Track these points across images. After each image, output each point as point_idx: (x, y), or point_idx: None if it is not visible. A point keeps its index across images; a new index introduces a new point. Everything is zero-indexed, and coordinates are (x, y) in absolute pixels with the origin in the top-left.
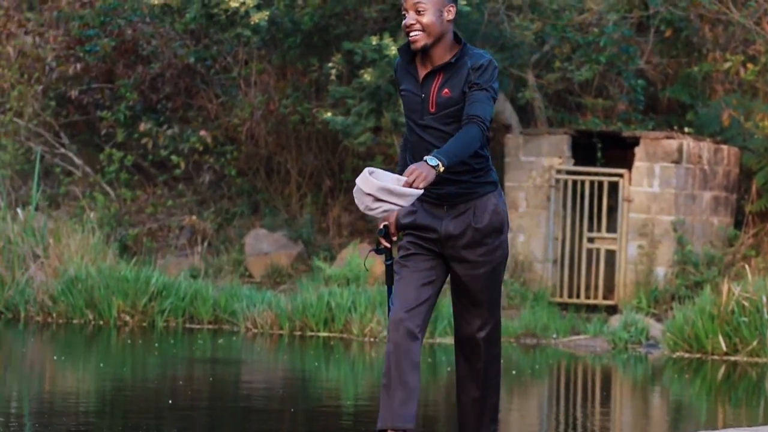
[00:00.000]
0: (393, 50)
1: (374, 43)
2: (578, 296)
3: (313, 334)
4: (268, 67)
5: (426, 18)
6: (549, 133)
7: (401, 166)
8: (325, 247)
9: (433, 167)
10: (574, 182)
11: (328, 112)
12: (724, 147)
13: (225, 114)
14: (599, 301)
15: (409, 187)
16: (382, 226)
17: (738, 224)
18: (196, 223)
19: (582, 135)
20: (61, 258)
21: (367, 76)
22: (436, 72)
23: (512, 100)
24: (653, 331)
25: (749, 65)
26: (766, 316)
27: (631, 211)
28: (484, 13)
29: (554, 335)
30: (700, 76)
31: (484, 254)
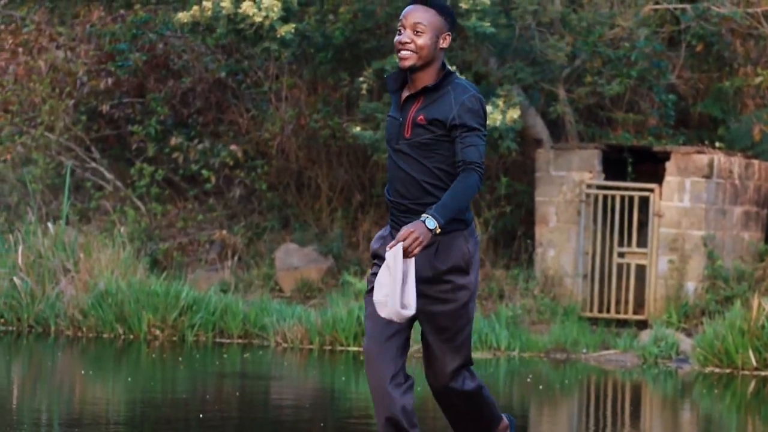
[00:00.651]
0: None
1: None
2: (608, 311)
3: (343, 348)
4: (298, 81)
5: (422, 40)
6: (580, 148)
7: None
8: (356, 262)
9: (430, 230)
10: (605, 197)
11: (358, 127)
12: (755, 162)
13: (256, 128)
14: (629, 315)
15: (404, 251)
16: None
17: None
18: (227, 237)
19: (613, 150)
20: (92, 272)
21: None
22: (416, 96)
23: (543, 115)
24: (683, 346)
25: None
26: None
27: (662, 226)
28: (516, 29)
29: (584, 350)
30: (732, 90)
31: (446, 291)
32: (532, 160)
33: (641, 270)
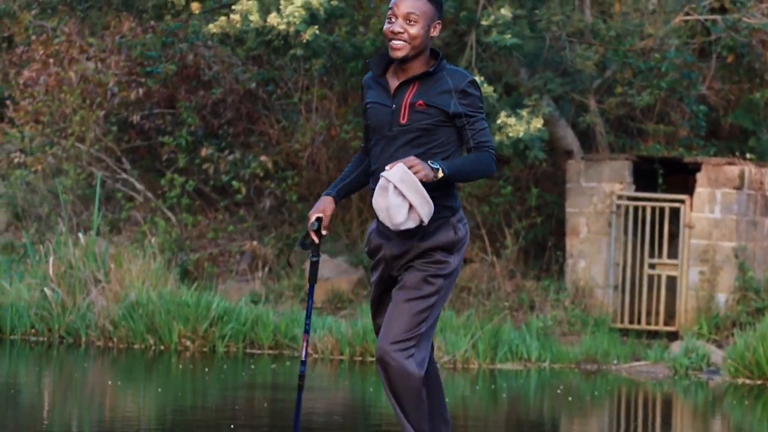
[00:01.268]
0: None
1: None
2: (639, 322)
3: (373, 359)
4: (329, 92)
5: (414, 29)
6: (610, 159)
7: (344, 180)
8: None
9: (434, 170)
10: (636, 208)
11: None
12: None
13: (286, 139)
14: (660, 327)
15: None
16: (315, 219)
17: None
18: (257, 248)
19: (643, 161)
20: (122, 283)
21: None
22: (411, 82)
23: (573, 126)
24: (714, 358)
25: None
26: None
27: (693, 237)
28: (546, 40)
29: (615, 361)
30: (762, 102)
31: (426, 263)
32: (562, 171)
33: (672, 281)
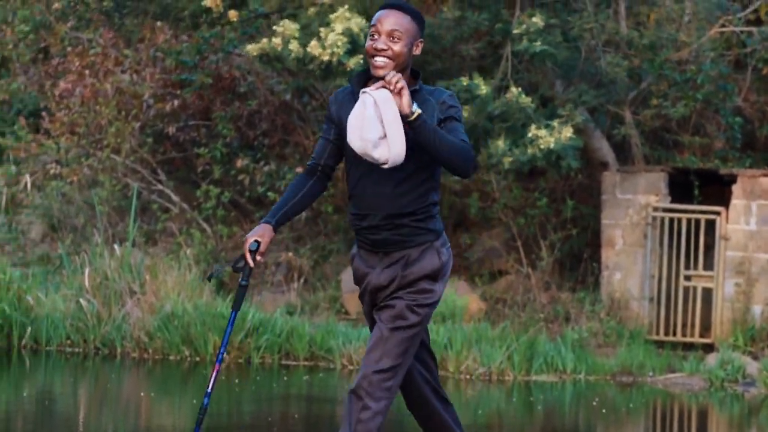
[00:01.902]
0: (484, 89)
1: (465, 83)
2: (675, 334)
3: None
4: None
5: (398, 47)
6: (646, 171)
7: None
8: None
9: (412, 109)
10: (671, 220)
11: None
12: None
13: None
14: (696, 339)
15: (386, 82)
16: (254, 240)
17: None
18: (293, 259)
19: (679, 172)
20: (158, 294)
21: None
22: None
23: (609, 137)
24: (750, 370)
25: None
26: None
27: (728, 249)
28: (581, 50)
29: (650, 373)
30: None
31: (412, 292)
32: (598, 183)
33: (708, 293)
